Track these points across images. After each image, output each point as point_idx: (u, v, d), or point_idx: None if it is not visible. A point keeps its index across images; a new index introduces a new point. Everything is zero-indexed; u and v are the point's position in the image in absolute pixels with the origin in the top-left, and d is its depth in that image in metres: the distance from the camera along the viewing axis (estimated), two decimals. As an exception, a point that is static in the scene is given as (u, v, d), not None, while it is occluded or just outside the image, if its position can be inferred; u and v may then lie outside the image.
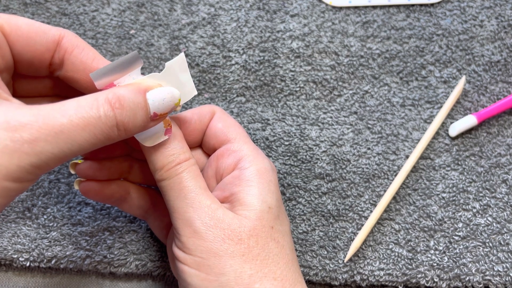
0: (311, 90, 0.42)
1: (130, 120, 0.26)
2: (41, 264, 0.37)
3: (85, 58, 0.29)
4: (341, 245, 0.38)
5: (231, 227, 0.28)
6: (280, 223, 0.30)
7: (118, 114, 0.25)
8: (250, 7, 0.44)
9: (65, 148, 0.23)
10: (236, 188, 0.30)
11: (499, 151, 0.41)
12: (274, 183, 0.31)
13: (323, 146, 0.41)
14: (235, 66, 0.43)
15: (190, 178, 0.29)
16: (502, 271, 0.38)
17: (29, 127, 0.22)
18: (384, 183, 0.40)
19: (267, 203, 0.30)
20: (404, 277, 0.37)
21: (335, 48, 0.43)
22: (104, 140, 0.25)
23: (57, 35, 0.28)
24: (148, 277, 0.38)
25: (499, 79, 0.43)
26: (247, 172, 0.30)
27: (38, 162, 0.23)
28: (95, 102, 0.24)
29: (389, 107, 0.42)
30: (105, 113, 0.24)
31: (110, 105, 0.25)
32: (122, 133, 0.26)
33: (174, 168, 0.29)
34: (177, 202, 0.29)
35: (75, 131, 0.23)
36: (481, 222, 0.39)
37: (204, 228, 0.28)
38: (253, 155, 0.31)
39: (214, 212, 0.28)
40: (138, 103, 0.26)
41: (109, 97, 0.25)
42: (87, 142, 0.24)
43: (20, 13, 0.44)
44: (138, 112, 0.26)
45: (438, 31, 0.44)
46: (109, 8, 0.44)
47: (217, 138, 0.32)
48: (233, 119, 0.33)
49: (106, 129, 0.25)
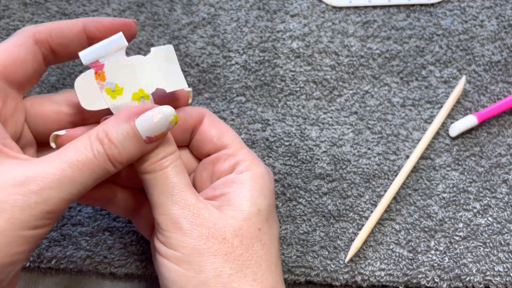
0: (311, 90, 0.42)
1: (122, 151, 0.27)
2: (41, 265, 0.37)
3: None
4: (342, 245, 0.38)
5: (216, 226, 0.28)
6: (269, 226, 0.30)
7: (107, 149, 0.26)
8: (250, 7, 0.44)
9: (70, 190, 0.25)
10: (228, 189, 0.30)
11: (500, 151, 0.41)
12: (268, 188, 0.31)
13: (323, 146, 0.41)
14: (235, 66, 0.43)
15: (175, 173, 0.29)
16: (503, 271, 0.38)
17: (34, 178, 0.25)
18: (385, 183, 0.40)
19: (257, 205, 0.30)
20: (405, 277, 0.37)
21: (335, 48, 0.43)
22: (105, 174, 0.27)
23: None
24: (148, 277, 0.38)
25: (499, 79, 0.43)
26: (242, 176, 0.30)
27: (48, 208, 0.25)
28: (88, 141, 0.26)
29: (389, 107, 0.42)
30: (97, 150, 0.26)
31: (100, 142, 0.26)
32: (119, 164, 0.27)
33: (159, 162, 0.29)
34: (161, 197, 0.28)
35: (76, 173, 0.25)
36: (481, 222, 0.39)
37: (189, 226, 0.28)
38: (249, 160, 0.31)
39: (200, 211, 0.28)
40: (127, 133, 0.27)
41: (99, 134, 0.27)
42: (89, 180, 0.26)
43: (20, 13, 0.43)
44: (127, 142, 0.27)
45: (438, 31, 0.44)
46: (109, 8, 0.44)
47: (213, 145, 0.32)
48: (224, 123, 0.33)
49: (102, 165, 0.26)
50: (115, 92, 0.29)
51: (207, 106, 0.42)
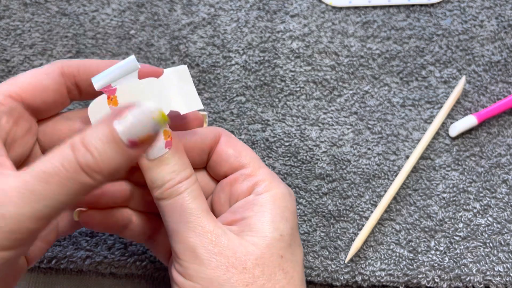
0: (311, 90, 0.42)
1: (100, 159, 0.22)
2: (42, 265, 0.37)
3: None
4: (342, 245, 0.38)
5: (236, 254, 0.27)
6: (292, 252, 0.28)
7: (80, 156, 0.22)
8: (250, 7, 0.44)
9: (35, 205, 0.22)
10: (248, 212, 0.29)
11: (499, 151, 0.41)
12: (290, 210, 0.29)
13: (323, 147, 0.41)
14: (235, 66, 0.43)
15: (192, 199, 0.27)
16: (503, 271, 0.38)
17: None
18: (385, 184, 0.40)
19: (279, 231, 0.28)
20: (405, 277, 0.37)
21: (335, 48, 0.43)
22: (81, 187, 0.23)
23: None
24: (148, 278, 0.38)
25: (499, 79, 0.43)
26: (261, 198, 0.29)
27: (7, 227, 0.21)
28: (59, 150, 0.23)
29: (389, 107, 0.42)
30: (66, 158, 0.22)
31: (72, 149, 0.22)
32: (98, 175, 0.23)
33: (175, 187, 0.27)
34: (178, 225, 0.27)
35: (41, 185, 0.22)
36: (481, 222, 0.39)
37: (207, 255, 0.26)
38: (269, 180, 0.30)
39: (218, 238, 0.27)
40: (104, 137, 0.22)
41: (73, 141, 0.23)
42: (59, 195, 0.22)
43: (20, 13, 0.43)
44: (107, 147, 0.22)
45: (438, 31, 0.44)
46: (109, 8, 0.44)
47: (230, 165, 0.31)
48: (242, 142, 0.32)
49: (74, 177, 0.22)
50: None
51: (207, 106, 0.42)
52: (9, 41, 0.43)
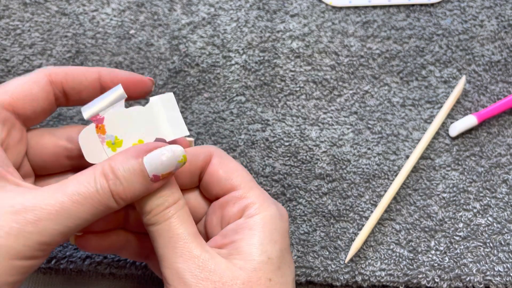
0: (311, 90, 0.42)
1: (127, 188, 0.26)
2: (42, 265, 0.37)
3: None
4: (342, 245, 0.38)
5: (222, 279, 0.27)
6: (281, 275, 0.28)
7: (112, 185, 0.26)
8: (250, 7, 0.44)
9: (68, 223, 0.25)
10: (238, 236, 0.29)
11: (500, 151, 0.41)
12: (280, 232, 0.29)
13: (323, 147, 0.41)
14: (235, 66, 0.43)
15: (179, 224, 0.28)
16: (503, 271, 0.38)
17: (32, 208, 0.24)
18: (385, 183, 0.40)
19: (267, 253, 0.28)
20: (405, 277, 0.37)
21: (335, 48, 0.43)
22: (106, 210, 0.26)
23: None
24: (148, 278, 0.38)
25: (499, 79, 0.43)
26: (251, 221, 0.29)
27: (43, 239, 0.24)
28: (92, 176, 0.26)
29: (389, 107, 0.42)
30: (101, 186, 0.26)
31: (105, 178, 0.26)
32: (122, 201, 0.26)
33: (163, 212, 0.28)
34: (165, 250, 0.27)
35: (75, 207, 0.25)
36: (481, 222, 0.39)
37: (194, 280, 0.27)
38: (259, 202, 0.30)
39: (205, 263, 0.27)
40: (133, 170, 0.26)
41: (104, 169, 0.26)
42: (88, 215, 0.25)
43: (20, 13, 0.43)
44: (133, 179, 0.26)
45: (438, 31, 0.44)
46: (109, 8, 0.44)
47: (221, 187, 0.31)
48: (234, 161, 0.32)
49: (104, 201, 0.26)
50: (115, 144, 0.29)
51: (207, 106, 0.42)
52: (8, 41, 0.43)
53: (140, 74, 0.32)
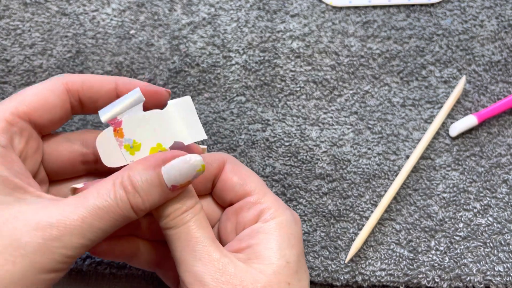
0: (311, 90, 0.42)
1: (146, 199, 0.26)
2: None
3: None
4: (342, 245, 0.38)
5: (243, 283, 0.27)
6: (299, 279, 0.29)
7: (131, 197, 0.26)
8: (250, 7, 0.44)
9: (90, 236, 0.25)
10: (255, 240, 0.29)
11: (500, 151, 0.41)
12: (296, 237, 0.30)
13: (323, 147, 0.41)
14: (235, 66, 0.43)
15: (198, 227, 0.28)
16: (503, 271, 0.38)
17: (57, 224, 0.25)
18: (385, 183, 0.40)
19: (286, 258, 0.28)
20: (406, 277, 0.37)
21: (335, 48, 0.43)
22: (126, 221, 0.26)
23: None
24: (148, 278, 0.38)
25: (499, 79, 0.43)
26: (267, 225, 0.29)
27: (68, 253, 0.25)
28: (112, 187, 0.26)
29: (390, 107, 0.42)
30: (121, 198, 0.26)
31: (124, 190, 0.26)
32: (141, 212, 0.27)
33: (181, 216, 0.28)
34: (184, 254, 0.27)
35: (97, 221, 0.25)
36: (481, 222, 0.39)
37: (214, 284, 0.26)
38: (274, 207, 0.30)
39: (225, 267, 0.27)
40: (152, 181, 0.26)
41: (124, 181, 0.26)
42: (109, 227, 0.26)
43: (20, 13, 0.43)
44: (152, 190, 0.26)
45: (438, 31, 0.44)
46: (109, 8, 0.44)
47: (235, 192, 0.31)
48: (247, 168, 0.32)
49: (124, 213, 0.26)
50: (133, 148, 0.28)
51: (207, 106, 0.42)
52: (9, 41, 0.43)
53: (158, 86, 0.31)
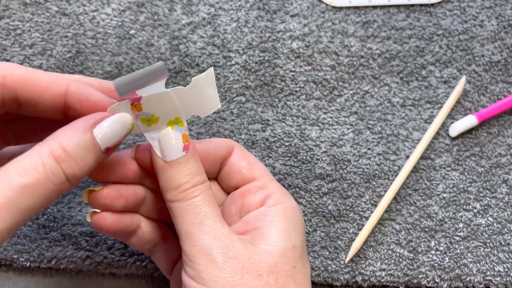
0: (311, 90, 0.42)
1: (82, 166, 0.24)
2: (41, 264, 0.37)
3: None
4: (342, 245, 0.38)
5: (251, 260, 0.26)
6: (303, 264, 0.29)
7: (65, 167, 0.23)
8: (250, 7, 0.44)
9: (17, 218, 0.22)
10: (261, 223, 0.28)
11: (500, 151, 0.41)
12: (301, 224, 0.30)
13: (323, 147, 0.41)
14: (235, 66, 0.43)
15: (206, 203, 0.27)
16: (503, 271, 0.38)
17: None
18: (385, 183, 0.40)
19: (292, 242, 0.28)
20: (406, 277, 0.37)
21: (335, 48, 0.43)
22: (57, 195, 0.24)
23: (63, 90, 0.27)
24: (148, 278, 0.38)
25: (499, 79, 0.43)
26: (274, 209, 0.29)
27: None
28: (39, 160, 0.23)
29: (390, 107, 0.42)
30: (52, 171, 0.23)
31: (56, 160, 0.23)
32: (75, 181, 0.24)
33: (190, 189, 0.27)
34: (192, 227, 0.27)
35: (24, 199, 0.22)
36: (481, 222, 0.39)
37: (222, 259, 0.26)
38: (280, 193, 0.30)
39: (233, 243, 0.27)
40: (85, 145, 0.24)
41: (53, 150, 0.23)
42: (39, 204, 0.23)
43: (20, 13, 0.43)
44: (87, 155, 0.24)
45: (438, 31, 0.44)
46: (109, 8, 0.44)
47: (242, 177, 0.31)
48: (253, 156, 0.32)
49: (57, 186, 0.23)
50: (150, 121, 0.27)
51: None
52: (9, 41, 0.43)
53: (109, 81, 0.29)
